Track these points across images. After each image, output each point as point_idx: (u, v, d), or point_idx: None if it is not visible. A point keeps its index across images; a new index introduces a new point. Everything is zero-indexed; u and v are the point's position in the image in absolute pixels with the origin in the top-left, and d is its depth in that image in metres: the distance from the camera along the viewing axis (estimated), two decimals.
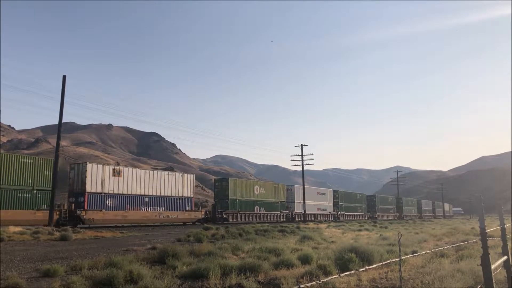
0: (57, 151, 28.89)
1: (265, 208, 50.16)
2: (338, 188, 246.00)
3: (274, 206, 52.08)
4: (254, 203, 48.82)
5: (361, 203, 76.87)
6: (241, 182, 49.42)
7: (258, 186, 50.92)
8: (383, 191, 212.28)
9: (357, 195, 77.94)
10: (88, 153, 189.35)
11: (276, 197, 52.73)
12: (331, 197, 65.86)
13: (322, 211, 60.91)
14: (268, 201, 51.21)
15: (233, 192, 45.87)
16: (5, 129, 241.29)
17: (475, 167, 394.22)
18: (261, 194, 50.09)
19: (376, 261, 9.96)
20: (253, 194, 48.87)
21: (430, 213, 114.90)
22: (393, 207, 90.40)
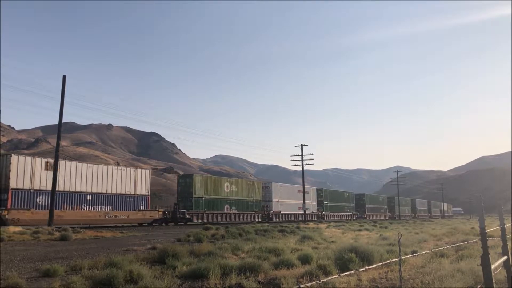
0: (57, 151, 28.87)
1: (237, 208, 46.24)
2: (338, 188, 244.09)
3: (248, 205, 48.01)
4: (224, 202, 44.74)
5: (349, 202, 73.23)
6: (208, 179, 45.08)
7: (229, 184, 46.56)
8: (383, 191, 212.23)
9: (344, 194, 74.38)
10: (88, 153, 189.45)
11: (250, 195, 48.66)
12: (315, 196, 62.07)
13: (308, 210, 57.34)
14: (241, 199, 47.08)
15: (198, 190, 41.66)
16: (5, 129, 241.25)
17: (475, 167, 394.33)
18: (232, 192, 45.97)
19: (376, 261, 9.97)
20: (222, 192, 44.70)
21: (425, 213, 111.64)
22: (385, 206, 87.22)
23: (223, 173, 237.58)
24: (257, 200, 49.93)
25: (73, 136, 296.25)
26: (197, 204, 41.40)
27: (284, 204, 53.24)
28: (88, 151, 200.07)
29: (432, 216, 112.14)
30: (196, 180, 42.10)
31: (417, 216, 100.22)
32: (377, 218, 73.99)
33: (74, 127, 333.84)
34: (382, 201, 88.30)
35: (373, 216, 77.26)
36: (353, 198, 75.57)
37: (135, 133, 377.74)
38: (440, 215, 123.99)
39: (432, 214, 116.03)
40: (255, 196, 49.64)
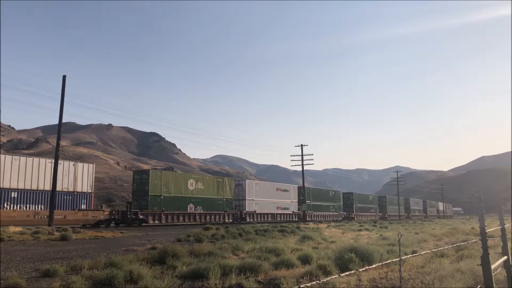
0: (57, 151, 28.86)
1: (204, 207, 41.68)
2: (338, 188, 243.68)
3: (217, 204, 43.63)
4: (188, 201, 39.94)
5: (335, 202, 68.54)
6: (168, 175, 39.78)
7: (194, 180, 41.64)
8: (383, 191, 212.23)
9: (330, 193, 69.00)
10: (88, 153, 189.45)
11: (220, 193, 44.15)
12: (296, 194, 57.06)
13: (283, 210, 52.92)
14: (209, 198, 42.35)
15: (155, 187, 36.68)
16: (5, 129, 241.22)
17: (475, 167, 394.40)
18: (198, 190, 41.27)
19: (376, 261, 9.97)
20: (186, 190, 39.92)
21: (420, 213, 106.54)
22: (375, 206, 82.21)
23: (223, 173, 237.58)
24: (228, 198, 45.24)
25: (73, 136, 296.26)
26: (154, 203, 36.43)
27: (260, 203, 48.56)
28: (88, 151, 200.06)
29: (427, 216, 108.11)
30: (153, 176, 37.08)
31: (411, 217, 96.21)
32: (366, 219, 70.38)
33: (74, 127, 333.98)
34: (372, 200, 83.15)
35: (362, 216, 73.37)
36: (339, 197, 70.82)
37: (135, 133, 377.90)
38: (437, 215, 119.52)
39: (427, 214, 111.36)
40: (225, 194, 44.98)
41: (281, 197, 53.25)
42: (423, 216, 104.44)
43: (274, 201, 51.69)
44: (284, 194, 54.00)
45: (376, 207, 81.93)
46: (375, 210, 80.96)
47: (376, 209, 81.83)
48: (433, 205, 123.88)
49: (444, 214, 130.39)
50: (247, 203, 46.87)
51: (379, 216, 80.00)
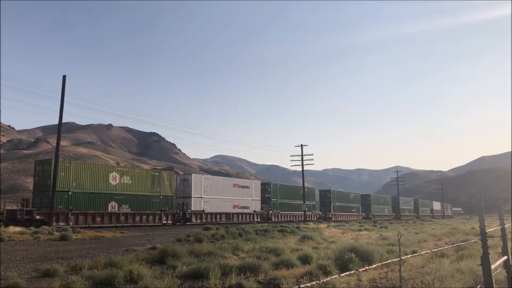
0: (57, 151, 28.90)
1: (133, 206, 34.95)
2: (338, 188, 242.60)
3: (151, 202, 36.73)
4: (109, 198, 33.21)
5: (308, 200, 62.11)
6: (81, 166, 32.71)
7: (118, 174, 34.28)
8: (383, 191, 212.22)
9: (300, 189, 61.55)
10: (88, 153, 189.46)
11: (155, 190, 37.29)
12: (258, 192, 50.72)
13: (241, 209, 46.80)
14: (139, 195, 35.57)
15: (62, 181, 30.05)
16: (5, 129, 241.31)
17: (475, 167, 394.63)
18: (123, 185, 34.24)
19: (376, 261, 9.98)
20: (106, 185, 33.23)
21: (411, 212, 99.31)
22: (357, 205, 75.87)
23: (223, 173, 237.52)
24: (166, 196, 38.49)
25: (73, 136, 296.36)
26: (60, 200, 29.99)
27: (210, 201, 42.61)
28: (88, 151, 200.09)
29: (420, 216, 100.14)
30: (62, 167, 30.43)
31: (400, 217, 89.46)
32: (346, 219, 65.43)
33: (74, 127, 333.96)
34: (354, 199, 76.07)
35: (341, 216, 67.28)
36: (313, 194, 64.26)
37: (135, 133, 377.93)
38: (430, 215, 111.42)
39: (420, 214, 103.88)
40: (163, 190, 38.18)
41: (240, 194, 47.04)
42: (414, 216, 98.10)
43: (230, 199, 45.64)
44: (243, 191, 47.76)
45: (358, 206, 75.84)
46: (357, 209, 75.06)
47: (359, 208, 75.89)
48: (426, 204, 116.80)
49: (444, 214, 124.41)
50: (193, 201, 40.64)
51: (362, 216, 74.69)
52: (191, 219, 40.06)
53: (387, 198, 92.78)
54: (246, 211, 47.65)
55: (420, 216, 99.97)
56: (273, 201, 53.49)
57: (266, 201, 52.36)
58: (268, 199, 52.84)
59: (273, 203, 53.40)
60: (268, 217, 51.04)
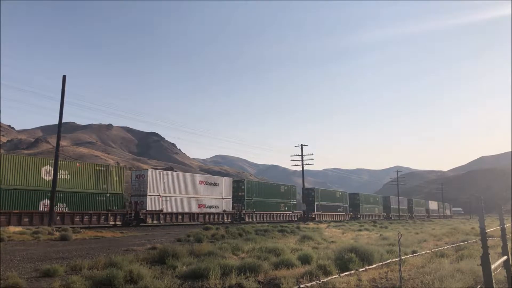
0: (57, 151, 28.87)
1: (71, 205, 31.03)
2: (338, 188, 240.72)
3: (95, 201, 32.55)
4: (41, 196, 29.30)
5: (288, 199, 57.23)
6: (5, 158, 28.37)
7: (51, 167, 29.60)
8: (383, 191, 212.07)
9: (281, 188, 57.37)
10: (88, 153, 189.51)
11: (100, 186, 33.11)
12: (230, 190, 46.37)
13: (208, 208, 42.65)
14: (80, 192, 31.60)
15: None
16: (5, 129, 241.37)
17: (475, 167, 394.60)
18: (60, 180, 29.70)
19: (376, 261, 9.98)
20: (38, 181, 29.50)
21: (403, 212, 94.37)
22: (344, 205, 71.67)
23: (223, 173, 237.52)
24: (115, 193, 34.32)
25: (73, 136, 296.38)
26: None
27: (171, 200, 38.55)
28: (88, 151, 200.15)
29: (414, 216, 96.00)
30: None
31: (392, 217, 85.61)
32: (331, 219, 62.70)
33: (74, 127, 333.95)
34: (341, 198, 71.66)
35: (326, 216, 63.44)
36: (294, 192, 59.65)
37: (135, 133, 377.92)
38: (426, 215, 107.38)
39: (414, 214, 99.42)
40: (111, 188, 33.97)
41: (207, 192, 42.98)
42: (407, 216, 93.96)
43: (196, 197, 41.42)
44: (211, 188, 43.61)
45: (345, 205, 72.13)
46: (344, 209, 71.30)
47: (346, 208, 72.20)
48: (422, 204, 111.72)
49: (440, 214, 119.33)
50: (150, 200, 36.47)
51: (349, 216, 71.36)
52: (146, 220, 35.86)
53: (377, 197, 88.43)
54: (215, 210, 43.47)
55: (415, 216, 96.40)
56: (247, 200, 48.86)
57: (240, 200, 47.92)
58: (242, 197, 48.27)
59: (247, 202, 48.82)
60: (241, 217, 46.82)
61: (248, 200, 48.95)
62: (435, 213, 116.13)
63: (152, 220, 36.69)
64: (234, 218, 45.82)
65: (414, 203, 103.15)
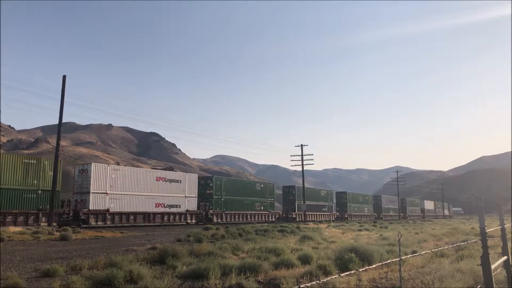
0: (57, 151, 28.89)
1: None
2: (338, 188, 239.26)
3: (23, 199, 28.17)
4: None
5: (265, 197, 52.30)
6: None
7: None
8: (383, 191, 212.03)
9: (257, 185, 52.49)
10: (88, 153, 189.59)
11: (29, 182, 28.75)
12: (194, 187, 42.03)
13: (168, 208, 38.29)
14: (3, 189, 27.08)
15: None
16: (5, 129, 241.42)
17: (475, 167, 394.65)
18: None
19: (376, 261, 9.99)
20: None
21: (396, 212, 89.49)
22: (329, 204, 66.66)
23: (223, 173, 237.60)
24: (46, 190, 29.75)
25: (73, 136, 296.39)
26: None
27: (121, 198, 34.10)
28: (88, 151, 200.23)
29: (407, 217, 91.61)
30: None
31: (383, 217, 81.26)
32: (315, 219, 58.90)
33: (74, 127, 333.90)
34: (326, 197, 66.60)
35: (309, 216, 58.15)
36: (271, 191, 54.69)
37: (135, 133, 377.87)
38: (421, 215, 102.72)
39: (407, 214, 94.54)
40: (43, 184, 29.72)
41: (166, 190, 38.42)
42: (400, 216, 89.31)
43: (152, 195, 36.83)
44: (171, 186, 39.08)
45: (331, 205, 67.20)
46: (329, 209, 66.43)
47: (332, 207, 67.30)
48: (416, 203, 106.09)
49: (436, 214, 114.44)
50: (93, 198, 32.26)
51: (335, 216, 67.03)
52: (89, 221, 31.71)
53: (367, 196, 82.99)
54: (175, 210, 38.92)
55: (408, 217, 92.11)
56: (216, 199, 44.25)
57: (208, 199, 43.53)
58: (210, 196, 43.72)
59: (216, 200, 44.24)
60: (208, 217, 42.47)
61: (217, 199, 44.47)
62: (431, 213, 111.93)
63: (96, 221, 32.52)
64: (199, 219, 41.36)
65: (407, 203, 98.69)
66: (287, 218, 55.03)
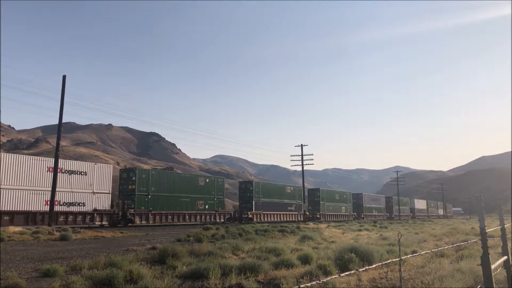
0: (57, 151, 28.86)
1: None
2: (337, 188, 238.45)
3: None
4: None
5: (211, 194, 44.17)
6: None
7: None
8: (383, 191, 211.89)
9: (200, 180, 43.96)
10: (88, 153, 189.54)
11: None
12: (107, 181, 34.66)
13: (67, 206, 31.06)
14: None
15: None
16: (5, 129, 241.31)
17: (475, 167, 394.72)
18: None
19: (376, 261, 9.98)
20: None
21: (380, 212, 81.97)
22: (298, 202, 58.10)
23: (223, 173, 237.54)
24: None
25: (73, 136, 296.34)
26: None
27: None
28: (88, 151, 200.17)
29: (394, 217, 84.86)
30: None
31: (364, 217, 74.66)
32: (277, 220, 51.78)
33: (74, 127, 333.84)
34: (293, 194, 57.90)
35: (270, 216, 51.13)
36: (220, 186, 45.88)
37: (135, 133, 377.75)
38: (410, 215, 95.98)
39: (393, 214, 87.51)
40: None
41: (65, 184, 31.14)
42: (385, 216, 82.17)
43: (42, 190, 29.65)
44: (72, 179, 31.87)
45: (299, 203, 58.53)
46: (297, 207, 57.95)
47: (300, 206, 58.58)
48: (405, 202, 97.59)
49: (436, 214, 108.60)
50: None
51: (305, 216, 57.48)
52: None
53: (345, 194, 74.07)
54: (77, 209, 31.65)
55: (394, 216, 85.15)
56: (140, 196, 36.43)
57: (129, 195, 36.22)
58: (132, 192, 36.12)
59: (140, 197, 36.39)
60: (127, 218, 34.94)
61: (141, 196, 36.54)
62: (423, 213, 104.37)
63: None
64: (113, 220, 33.89)
65: (394, 202, 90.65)
66: (241, 218, 47.68)
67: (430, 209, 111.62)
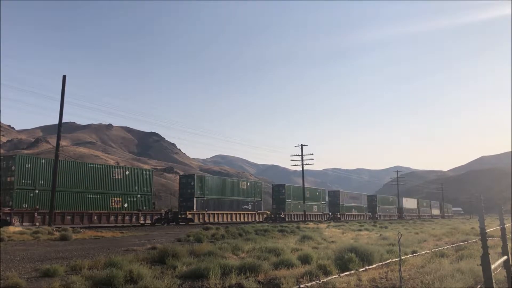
0: (57, 151, 28.86)
1: None
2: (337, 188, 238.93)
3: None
4: None
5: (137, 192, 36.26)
6: None
7: None
8: (383, 191, 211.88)
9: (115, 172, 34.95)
10: (88, 153, 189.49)
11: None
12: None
13: None
14: None
15: None
16: (5, 129, 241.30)
17: (475, 167, 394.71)
18: None
19: (376, 261, 9.97)
20: None
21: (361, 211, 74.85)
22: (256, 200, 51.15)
23: (223, 173, 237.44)
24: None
25: (73, 136, 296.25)
26: None
27: None
28: (88, 151, 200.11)
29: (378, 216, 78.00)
30: None
31: (340, 216, 66.29)
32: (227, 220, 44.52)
33: (74, 127, 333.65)
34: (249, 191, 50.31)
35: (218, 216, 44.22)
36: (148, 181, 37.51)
37: (135, 133, 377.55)
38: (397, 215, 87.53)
39: (377, 213, 79.89)
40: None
41: None
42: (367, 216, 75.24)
43: None
44: None
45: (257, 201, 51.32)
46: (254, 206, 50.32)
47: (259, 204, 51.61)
48: (391, 201, 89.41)
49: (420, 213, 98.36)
50: None
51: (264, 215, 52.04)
52: None
53: (318, 191, 66.21)
54: None
55: (379, 216, 78.82)
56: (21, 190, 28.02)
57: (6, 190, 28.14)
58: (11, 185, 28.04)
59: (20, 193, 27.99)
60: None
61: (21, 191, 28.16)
62: (412, 212, 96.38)
63: None
64: None
65: (378, 200, 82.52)
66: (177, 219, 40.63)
67: (422, 208, 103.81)
